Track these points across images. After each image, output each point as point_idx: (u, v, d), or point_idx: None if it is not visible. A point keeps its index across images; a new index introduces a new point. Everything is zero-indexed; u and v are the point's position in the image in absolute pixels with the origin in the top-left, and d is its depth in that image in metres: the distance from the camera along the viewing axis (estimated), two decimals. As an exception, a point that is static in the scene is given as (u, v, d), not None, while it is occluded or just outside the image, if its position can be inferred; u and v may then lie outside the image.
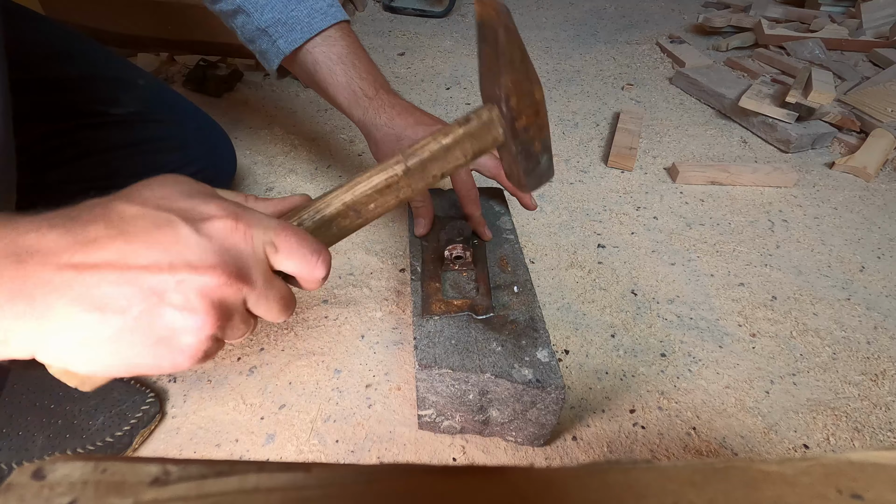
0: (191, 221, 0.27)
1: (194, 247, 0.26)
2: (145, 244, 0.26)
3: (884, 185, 0.94)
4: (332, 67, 0.61)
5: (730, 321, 0.67)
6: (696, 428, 0.55)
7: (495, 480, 0.17)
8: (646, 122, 1.11)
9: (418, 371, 0.46)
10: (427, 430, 0.53)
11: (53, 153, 0.66)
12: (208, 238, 0.27)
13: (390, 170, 0.36)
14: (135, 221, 0.26)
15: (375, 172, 0.36)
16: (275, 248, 0.30)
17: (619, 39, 1.52)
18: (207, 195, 0.29)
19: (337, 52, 0.61)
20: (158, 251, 0.26)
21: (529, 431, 0.50)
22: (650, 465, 0.17)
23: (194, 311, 0.26)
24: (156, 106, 0.71)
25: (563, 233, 0.81)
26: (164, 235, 0.26)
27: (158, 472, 0.17)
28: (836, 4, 1.52)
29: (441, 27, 1.59)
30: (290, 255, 0.30)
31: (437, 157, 0.36)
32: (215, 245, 0.27)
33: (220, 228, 0.28)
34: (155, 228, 0.26)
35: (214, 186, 0.32)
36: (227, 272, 0.27)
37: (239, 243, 0.28)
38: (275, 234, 0.30)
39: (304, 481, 0.17)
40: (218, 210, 0.28)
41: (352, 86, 0.61)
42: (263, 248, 0.29)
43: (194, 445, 0.52)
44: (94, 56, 0.70)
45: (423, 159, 0.36)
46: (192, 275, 0.26)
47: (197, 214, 0.28)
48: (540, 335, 0.49)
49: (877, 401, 0.58)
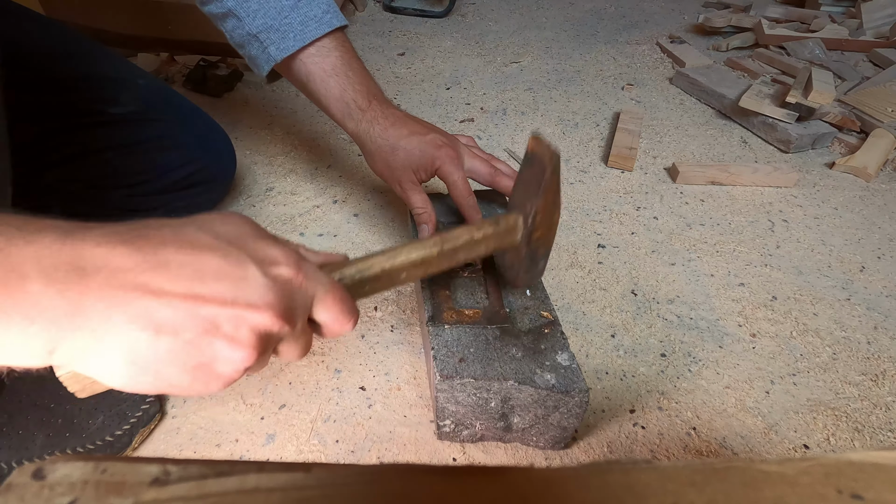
0: (259, 263, 0.29)
1: (259, 287, 0.28)
2: (215, 277, 0.27)
3: (884, 186, 0.94)
4: (326, 79, 0.60)
5: (730, 321, 0.67)
6: (696, 428, 0.55)
7: (495, 480, 0.17)
8: (646, 122, 1.11)
9: (439, 382, 0.45)
10: (447, 441, 0.52)
11: (52, 152, 0.66)
12: (273, 281, 0.29)
13: (428, 249, 0.41)
14: (206, 252, 0.28)
15: (415, 248, 0.40)
16: (320, 302, 0.33)
17: (619, 39, 1.52)
18: (274, 240, 0.32)
19: (331, 64, 0.60)
20: (225, 285, 0.27)
21: (551, 435, 0.50)
22: (650, 465, 0.17)
23: (241, 345, 0.28)
24: (155, 105, 0.71)
25: (563, 233, 0.81)
26: (234, 271, 0.28)
27: (158, 472, 0.17)
28: (837, 4, 1.52)
29: (441, 27, 1.59)
30: (330, 311, 0.33)
31: (467, 246, 0.43)
32: (276, 288, 0.29)
33: (283, 274, 0.30)
34: (225, 263, 0.28)
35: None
36: (279, 314, 0.29)
37: (295, 291, 0.31)
38: (324, 290, 0.33)
39: (304, 481, 0.17)
40: (283, 257, 0.31)
41: (345, 97, 0.60)
42: (312, 298, 0.32)
43: (194, 445, 0.52)
44: (94, 56, 0.70)
45: (457, 246, 0.42)
46: (250, 312, 0.28)
47: (265, 257, 0.30)
48: (558, 338, 0.49)
49: (877, 401, 0.58)
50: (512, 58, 1.40)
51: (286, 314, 0.29)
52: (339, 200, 0.86)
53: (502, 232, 0.45)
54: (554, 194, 0.44)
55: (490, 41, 1.50)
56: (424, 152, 0.59)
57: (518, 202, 0.47)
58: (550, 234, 0.47)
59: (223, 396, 0.56)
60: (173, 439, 0.53)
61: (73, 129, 0.66)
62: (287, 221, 0.82)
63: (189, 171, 0.73)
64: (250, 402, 0.56)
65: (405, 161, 0.59)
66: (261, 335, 0.29)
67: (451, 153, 0.59)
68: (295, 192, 0.88)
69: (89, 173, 0.68)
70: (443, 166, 0.59)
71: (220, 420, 0.54)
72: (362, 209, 0.85)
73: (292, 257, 0.31)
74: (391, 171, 0.61)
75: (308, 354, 0.60)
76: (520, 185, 0.47)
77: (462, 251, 0.43)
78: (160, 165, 0.71)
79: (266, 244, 0.31)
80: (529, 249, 0.46)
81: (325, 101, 0.62)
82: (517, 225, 0.45)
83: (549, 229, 0.47)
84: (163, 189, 0.72)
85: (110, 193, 0.70)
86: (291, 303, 0.30)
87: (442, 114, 1.13)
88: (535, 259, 0.48)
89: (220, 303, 0.27)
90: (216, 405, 0.56)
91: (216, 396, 0.56)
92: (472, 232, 0.43)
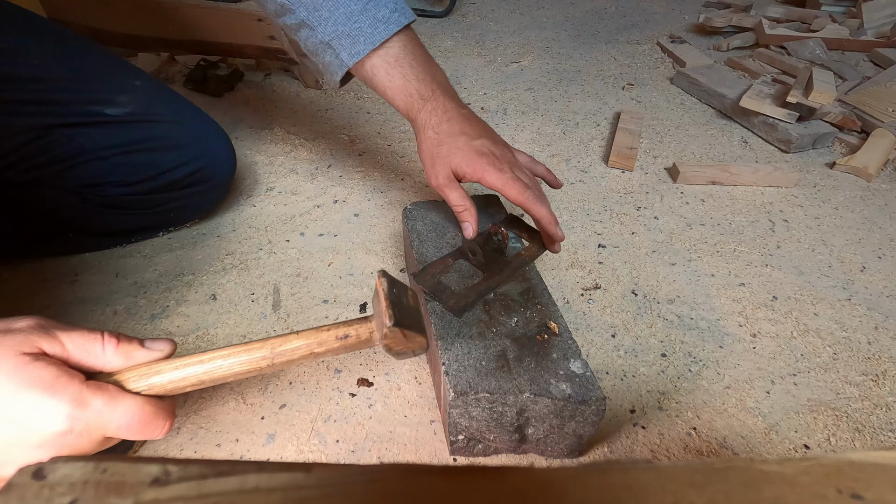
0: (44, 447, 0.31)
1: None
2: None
3: (885, 185, 0.94)
4: (390, 71, 0.60)
5: (730, 321, 0.67)
6: (696, 428, 0.55)
7: (495, 480, 0.17)
8: (646, 122, 1.11)
9: (453, 399, 0.44)
10: (461, 456, 0.51)
11: (49, 152, 0.66)
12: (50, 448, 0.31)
13: (255, 363, 0.37)
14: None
15: (240, 358, 0.37)
16: (115, 432, 0.33)
17: (619, 39, 1.52)
18: (42, 388, 0.31)
19: (394, 55, 0.60)
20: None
21: (566, 444, 0.49)
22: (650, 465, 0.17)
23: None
24: (153, 106, 0.71)
25: (564, 232, 0.80)
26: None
27: (158, 472, 0.17)
28: (837, 4, 1.52)
29: (441, 27, 1.59)
30: (130, 434, 0.34)
31: (305, 357, 0.38)
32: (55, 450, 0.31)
33: (60, 448, 0.31)
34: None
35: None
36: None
37: (77, 439, 0.32)
38: (115, 426, 0.33)
39: (304, 481, 0.17)
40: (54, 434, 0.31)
41: (408, 88, 0.60)
42: (102, 432, 0.33)
43: (195, 445, 0.52)
44: (92, 56, 0.70)
45: (291, 359, 0.38)
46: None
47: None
48: (569, 346, 0.48)
49: (878, 401, 0.58)
50: (512, 57, 1.40)
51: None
52: (340, 200, 0.86)
53: (351, 344, 0.39)
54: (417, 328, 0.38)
55: (490, 41, 1.50)
56: (466, 158, 0.57)
57: (378, 315, 0.39)
58: (410, 348, 0.40)
59: (223, 396, 0.56)
60: (174, 439, 0.53)
61: (69, 129, 0.66)
62: (287, 221, 0.82)
63: (189, 171, 0.73)
64: (251, 401, 0.56)
65: (446, 158, 0.58)
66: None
67: (493, 162, 0.56)
68: (295, 192, 0.88)
69: (87, 173, 0.68)
70: (485, 176, 0.56)
71: (221, 420, 0.54)
72: (363, 209, 0.85)
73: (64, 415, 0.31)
74: (433, 164, 0.60)
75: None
76: (383, 301, 0.39)
77: (300, 360, 0.38)
78: (160, 165, 0.71)
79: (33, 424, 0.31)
80: (394, 353, 0.40)
81: (390, 93, 0.61)
82: (371, 339, 0.39)
83: (408, 347, 0.40)
84: (161, 189, 0.72)
85: (108, 193, 0.70)
86: (78, 448, 0.32)
87: (442, 114, 1.13)
88: (400, 355, 0.41)
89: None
90: (217, 405, 0.56)
91: (216, 396, 0.56)
92: (313, 347, 0.38)
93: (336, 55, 0.60)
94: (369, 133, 1.06)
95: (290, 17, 0.59)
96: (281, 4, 0.59)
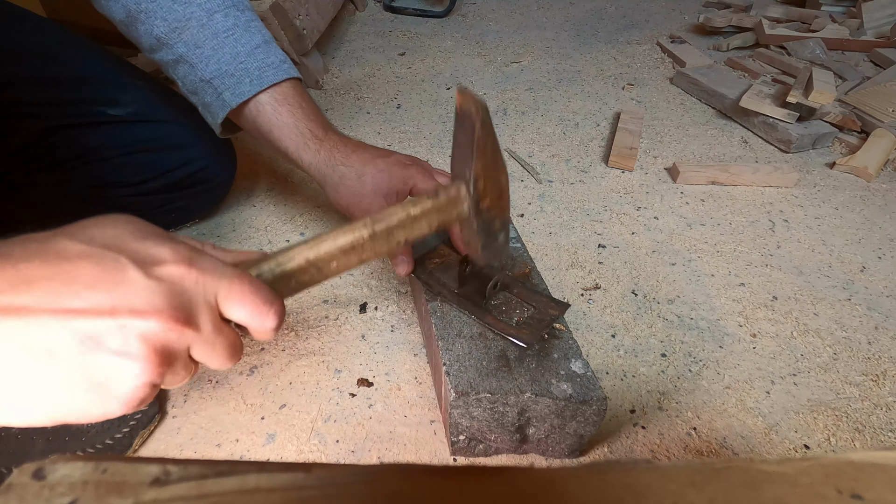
0: (141, 264, 0.26)
1: (142, 290, 0.25)
2: (86, 285, 0.24)
3: (885, 185, 0.94)
4: (278, 108, 0.57)
5: (730, 321, 0.67)
6: (696, 428, 0.55)
7: (495, 480, 0.17)
8: (646, 122, 1.11)
9: (454, 399, 0.44)
10: (461, 456, 0.51)
11: (51, 153, 0.66)
12: (157, 282, 0.26)
13: (357, 232, 0.36)
14: (77, 261, 0.25)
15: (342, 233, 0.36)
16: (226, 296, 0.29)
17: (619, 39, 1.52)
18: (161, 237, 0.28)
19: (283, 94, 0.57)
20: (100, 293, 0.24)
21: (567, 444, 0.49)
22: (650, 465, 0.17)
23: (133, 358, 0.25)
24: (155, 106, 0.71)
25: (564, 233, 0.81)
26: (109, 277, 0.25)
27: (159, 472, 0.17)
28: (837, 4, 1.52)
29: (441, 27, 1.59)
30: (242, 304, 0.29)
31: (404, 225, 0.38)
32: (164, 289, 0.26)
33: (171, 273, 0.27)
34: (100, 269, 0.25)
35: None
36: (171, 318, 0.26)
37: (189, 289, 0.27)
38: (228, 281, 0.29)
39: (304, 481, 0.17)
40: (171, 254, 0.27)
41: (299, 126, 0.56)
42: (215, 295, 0.29)
43: (195, 445, 0.52)
44: (94, 57, 0.70)
45: (391, 226, 0.37)
46: (134, 319, 0.25)
47: (148, 257, 0.27)
48: (570, 346, 0.49)
49: (878, 401, 0.58)
50: (512, 58, 1.40)
51: (182, 317, 0.26)
52: (340, 200, 0.86)
53: (443, 205, 0.39)
54: (492, 152, 0.38)
55: (490, 41, 1.50)
56: (394, 173, 0.54)
57: (458, 170, 0.42)
58: (501, 201, 0.41)
59: (224, 396, 0.56)
60: (174, 439, 0.53)
61: (71, 129, 0.66)
62: (288, 221, 0.82)
63: (191, 172, 0.73)
64: (251, 401, 0.56)
65: (375, 186, 0.54)
66: (155, 344, 0.26)
67: (421, 170, 0.55)
68: (296, 192, 0.88)
69: (89, 174, 0.68)
70: (417, 183, 0.54)
71: (221, 420, 0.54)
72: (363, 209, 0.85)
73: (182, 253, 0.28)
74: (359, 201, 0.55)
75: (308, 354, 0.60)
76: (456, 149, 0.42)
77: (400, 231, 0.38)
78: (162, 166, 0.71)
79: (151, 243, 0.27)
80: (482, 221, 0.41)
81: (277, 131, 0.57)
82: (459, 195, 0.39)
83: (498, 196, 0.41)
84: (163, 189, 0.72)
85: (110, 193, 0.70)
86: (186, 303, 0.27)
87: (442, 113, 1.13)
88: (490, 232, 0.42)
89: (98, 313, 0.24)
90: (217, 405, 0.56)
91: (216, 396, 0.56)
92: (408, 209, 0.38)
93: (218, 95, 0.56)
94: (369, 133, 1.06)
95: (167, 53, 0.56)
96: (157, 38, 0.55)
